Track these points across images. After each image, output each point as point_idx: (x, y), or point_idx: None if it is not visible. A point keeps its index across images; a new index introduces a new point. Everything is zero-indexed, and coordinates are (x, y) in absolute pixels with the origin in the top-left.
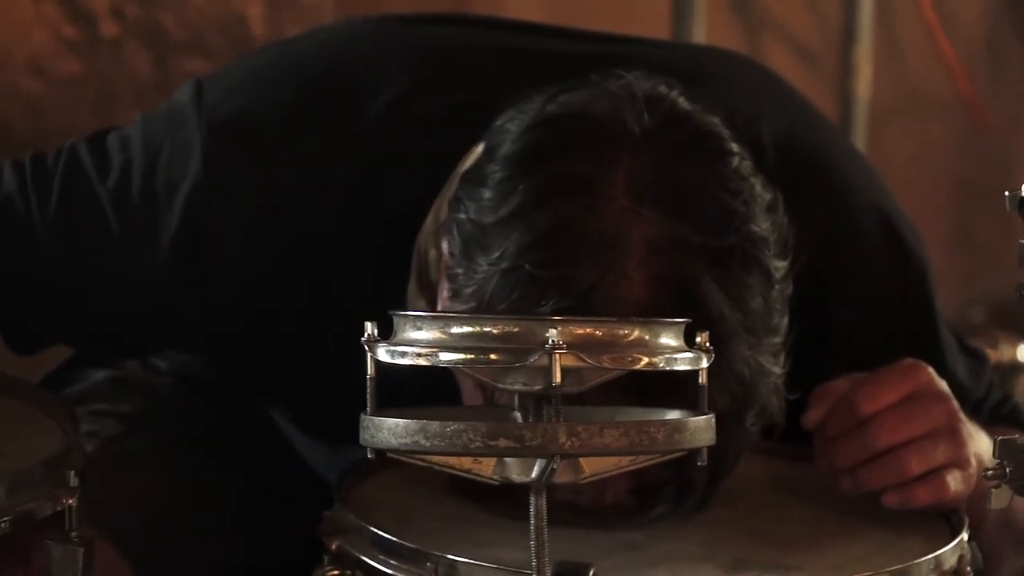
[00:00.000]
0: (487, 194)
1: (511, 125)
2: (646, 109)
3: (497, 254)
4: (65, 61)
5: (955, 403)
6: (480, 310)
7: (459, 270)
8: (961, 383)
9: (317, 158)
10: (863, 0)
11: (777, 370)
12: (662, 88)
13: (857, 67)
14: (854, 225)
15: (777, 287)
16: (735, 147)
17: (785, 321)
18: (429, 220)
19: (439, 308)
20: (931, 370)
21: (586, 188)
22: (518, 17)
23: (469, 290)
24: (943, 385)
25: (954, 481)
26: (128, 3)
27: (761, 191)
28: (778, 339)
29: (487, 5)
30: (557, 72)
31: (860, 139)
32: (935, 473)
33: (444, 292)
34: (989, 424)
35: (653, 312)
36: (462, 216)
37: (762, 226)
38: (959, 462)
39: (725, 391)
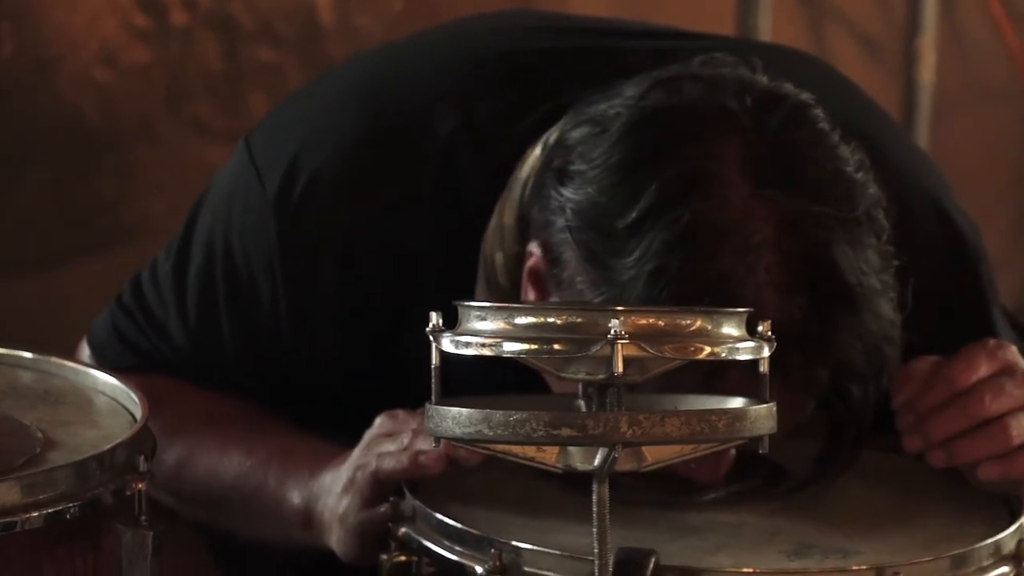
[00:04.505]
0: (602, 199)
1: (588, 127)
2: (743, 92)
3: (638, 254)
4: (136, 50)
5: None
6: None
7: (578, 277)
8: None
9: (385, 206)
10: None
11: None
12: (745, 71)
13: (921, 56)
14: (908, 213)
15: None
16: (824, 117)
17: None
18: (492, 225)
19: None
20: (1014, 348)
21: (707, 181)
22: (582, 11)
23: (608, 293)
24: None
25: None
26: None
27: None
28: (893, 295)
29: (552, 1)
30: (610, 71)
31: (924, 127)
32: None
33: (531, 294)
34: None
35: (793, 289)
36: (567, 223)
37: (875, 190)
38: None
39: (864, 353)
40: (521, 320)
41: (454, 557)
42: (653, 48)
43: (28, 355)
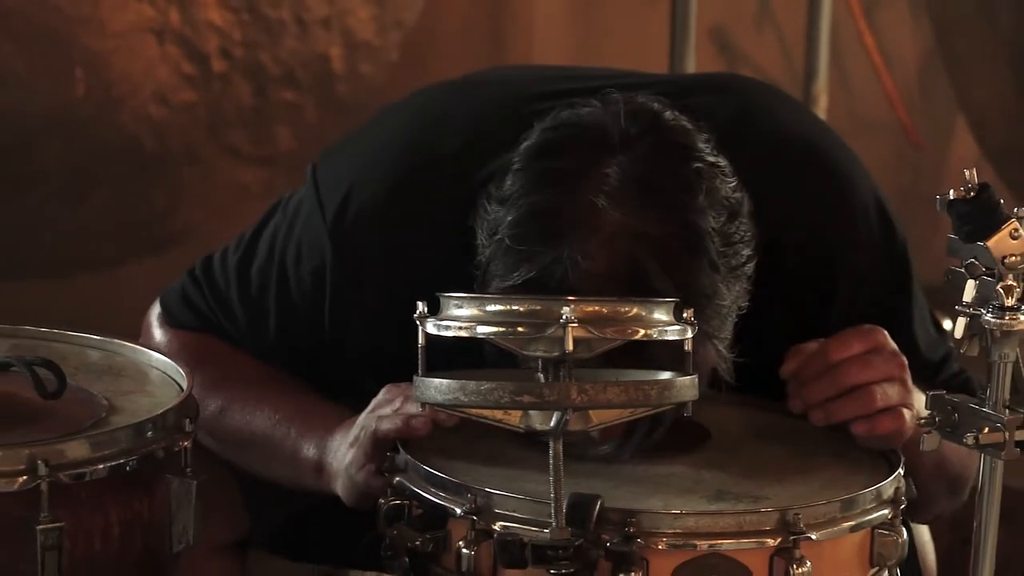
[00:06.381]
0: (502, 186)
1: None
2: (628, 120)
3: (494, 231)
4: (184, 92)
5: (904, 360)
6: (481, 278)
7: (482, 244)
8: (918, 345)
9: (419, 238)
10: (821, 43)
11: (721, 335)
12: (650, 104)
13: (816, 96)
14: (856, 208)
15: (723, 271)
16: (701, 152)
17: (736, 294)
18: None
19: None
20: (886, 332)
21: (565, 182)
22: (543, 59)
23: (482, 257)
24: (895, 345)
25: (909, 417)
26: (234, 45)
27: (722, 188)
28: (725, 311)
29: (519, 53)
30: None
31: None
32: (893, 408)
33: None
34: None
35: (613, 282)
36: (485, 202)
37: (712, 218)
38: (909, 404)
39: (666, 351)
40: (491, 308)
41: (438, 501)
42: (619, 84)
43: (95, 337)
